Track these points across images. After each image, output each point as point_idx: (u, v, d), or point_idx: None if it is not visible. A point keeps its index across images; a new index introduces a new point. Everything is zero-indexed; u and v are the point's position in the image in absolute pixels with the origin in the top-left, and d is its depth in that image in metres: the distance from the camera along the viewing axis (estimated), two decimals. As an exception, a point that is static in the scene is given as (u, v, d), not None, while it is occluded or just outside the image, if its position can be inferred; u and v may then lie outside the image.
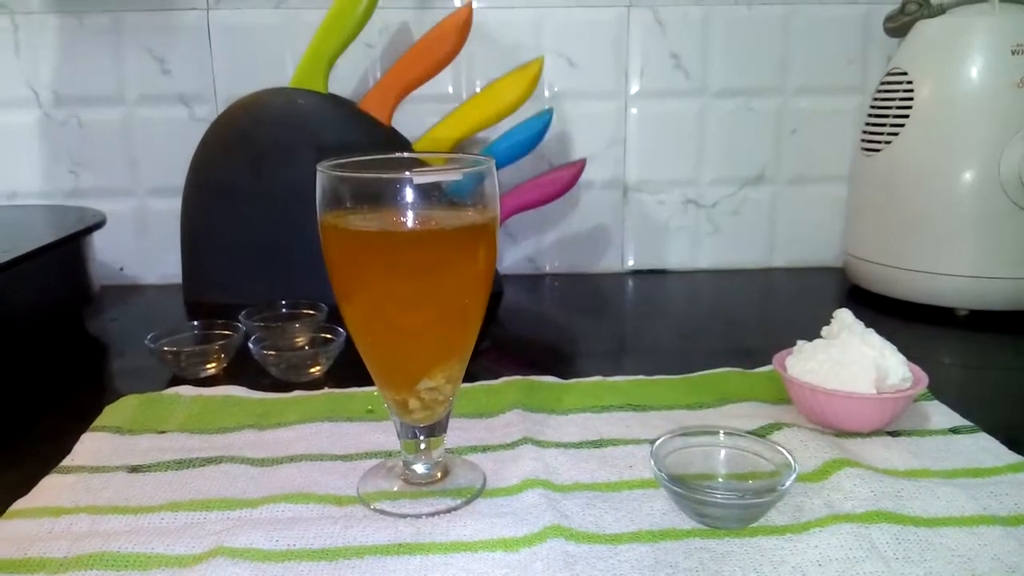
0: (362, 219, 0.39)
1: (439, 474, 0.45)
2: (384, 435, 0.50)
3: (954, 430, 0.50)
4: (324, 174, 0.40)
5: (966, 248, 0.72)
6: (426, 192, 0.39)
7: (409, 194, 0.38)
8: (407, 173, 0.38)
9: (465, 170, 0.40)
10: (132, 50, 0.87)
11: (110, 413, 0.54)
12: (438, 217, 0.39)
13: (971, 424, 0.50)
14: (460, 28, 0.75)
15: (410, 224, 0.39)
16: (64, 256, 0.71)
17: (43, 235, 0.69)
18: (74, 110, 0.88)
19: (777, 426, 0.50)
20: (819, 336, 0.53)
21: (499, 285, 0.88)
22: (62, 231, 0.71)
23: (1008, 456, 0.46)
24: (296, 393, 0.57)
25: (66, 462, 0.47)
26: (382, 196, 0.39)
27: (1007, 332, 0.71)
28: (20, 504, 0.43)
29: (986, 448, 0.47)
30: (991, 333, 0.71)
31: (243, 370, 0.61)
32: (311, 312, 0.69)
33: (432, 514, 0.41)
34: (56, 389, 0.61)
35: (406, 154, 0.57)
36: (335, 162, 0.41)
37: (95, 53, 0.87)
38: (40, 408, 0.57)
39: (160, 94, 0.88)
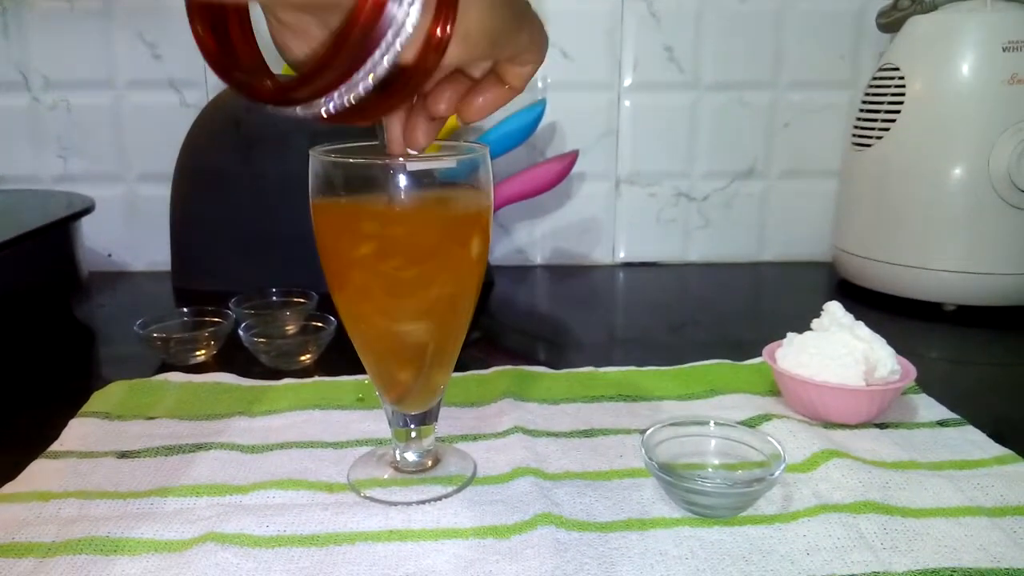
0: (355, 205, 0.39)
1: (430, 462, 0.45)
2: (375, 423, 0.50)
3: (941, 423, 0.50)
4: (317, 159, 0.39)
5: (955, 244, 0.73)
6: (419, 179, 0.38)
7: (402, 180, 0.38)
8: (401, 159, 0.38)
9: (459, 157, 0.40)
10: (123, 34, 0.86)
11: (99, 399, 0.53)
12: (431, 204, 0.39)
13: (958, 417, 0.51)
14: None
15: (403, 211, 0.38)
16: (52, 242, 0.71)
17: (31, 220, 0.68)
18: (64, 94, 0.88)
19: (767, 417, 0.50)
20: (809, 329, 0.53)
21: (490, 276, 0.88)
22: (50, 216, 0.70)
23: (994, 449, 0.47)
24: (286, 381, 0.57)
25: (55, 447, 0.47)
26: (375, 182, 0.38)
27: (994, 327, 0.71)
28: (8, 488, 0.42)
29: (972, 441, 0.48)
30: (978, 328, 0.71)
31: (233, 357, 0.61)
32: (302, 300, 0.68)
33: (423, 502, 0.41)
34: (44, 375, 0.61)
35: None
36: (328, 147, 0.40)
37: (85, 37, 0.86)
38: (28, 394, 0.57)
39: (151, 79, 0.88)
